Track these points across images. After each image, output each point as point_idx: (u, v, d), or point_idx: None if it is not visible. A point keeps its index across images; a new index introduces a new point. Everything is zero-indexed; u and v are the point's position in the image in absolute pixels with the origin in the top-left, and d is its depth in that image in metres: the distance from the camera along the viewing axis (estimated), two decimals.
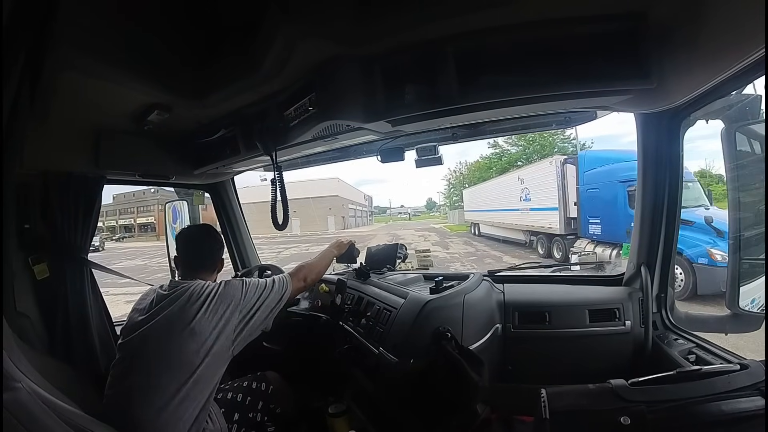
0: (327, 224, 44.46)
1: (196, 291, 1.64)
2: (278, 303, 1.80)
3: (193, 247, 1.90)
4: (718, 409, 1.06)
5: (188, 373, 1.53)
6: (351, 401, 2.25)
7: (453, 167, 44.74)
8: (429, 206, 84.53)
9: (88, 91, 1.62)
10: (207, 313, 1.59)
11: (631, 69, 1.27)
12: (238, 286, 1.72)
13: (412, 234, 30.72)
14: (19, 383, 1.07)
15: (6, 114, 1.06)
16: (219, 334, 1.60)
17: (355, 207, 56.71)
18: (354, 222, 55.59)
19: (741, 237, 1.56)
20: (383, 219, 75.11)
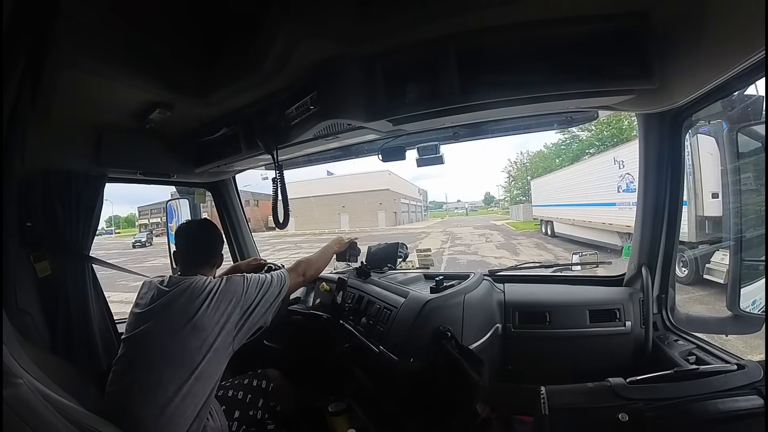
0: (377, 220, 42.43)
1: (198, 287, 1.64)
2: (277, 297, 1.81)
3: (193, 242, 1.90)
4: (715, 407, 1.07)
5: (190, 369, 1.53)
6: (351, 400, 2.25)
7: (513, 158, 42.73)
8: (487, 201, 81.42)
9: (90, 89, 1.62)
10: (209, 309, 1.60)
11: (633, 69, 1.27)
12: (240, 282, 1.73)
13: (471, 233, 26.82)
14: (20, 379, 1.08)
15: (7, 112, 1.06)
16: (221, 330, 1.61)
17: (408, 201, 53.21)
18: (407, 217, 52.20)
19: (742, 238, 1.56)
20: (439, 214, 71.66)
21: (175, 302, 1.62)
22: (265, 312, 1.78)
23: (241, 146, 2.08)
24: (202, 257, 1.87)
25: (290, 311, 2.60)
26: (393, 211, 45.43)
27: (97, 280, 2.20)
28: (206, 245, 1.90)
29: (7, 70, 1.02)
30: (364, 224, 40.34)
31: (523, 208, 31.50)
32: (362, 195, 42.30)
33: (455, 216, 69.30)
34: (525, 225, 25.97)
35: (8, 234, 1.67)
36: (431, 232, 30.50)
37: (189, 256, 1.88)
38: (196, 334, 1.56)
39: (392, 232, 33.08)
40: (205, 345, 1.57)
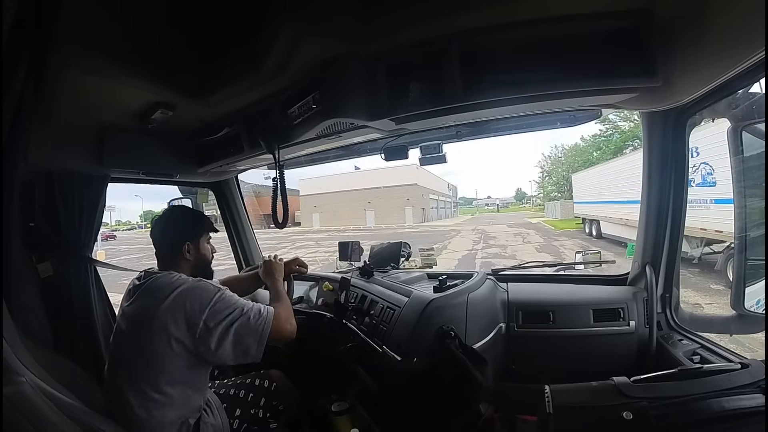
0: (404, 216, 40.94)
1: (162, 285, 1.55)
2: (256, 334, 1.58)
3: (154, 233, 1.76)
4: (719, 405, 1.07)
5: (161, 374, 1.49)
6: (354, 400, 2.25)
7: (547, 152, 40.49)
8: (518, 197, 78.25)
9: (92, 89, 1.62)
10: (171, 309, 1.48)
11: (636, 67, 1.26)
12: (209, 293, 1.55)
13: (505, 231, 24.24)
14: (23, 378, 1.08)
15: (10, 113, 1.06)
16: (182, 334, 1.48)
17: (436, 197, 51.52)
18: (435, 214, 50.40)
19: (746, 237, 1.55)
20: (468, 211, 68.97)
21: (142, 300, 1.55)
22: (239, 342, 1.54)
23: (243, 146, 2.08)
24: (163, 249, 1.73)
25: (294, 311, 2.59)
26: (421, 207, 43.82)
27: (99, 279, 2.21)
28: (164, 236, 1.76)
29: (9, 70, 1.02)
30: (391, 220, 39.60)
31: (560, 206, 29.72)
32: (389, 190, 40.75)
33: (485, 212, 66.74)
34: (564, 224, 23.84)
35: (11, 234, 1.67)
36: (461, 230, 28.34)
37: (156, 250, 1.75)
38: (161, 334, 1.46)
39: (420, 229, 31.27)
40: (170, 348, 1.47)
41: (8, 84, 1.03)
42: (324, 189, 45.61)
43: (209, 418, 1.69)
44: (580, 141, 33.64)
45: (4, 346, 1.07)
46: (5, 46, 0.96)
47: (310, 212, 47.73)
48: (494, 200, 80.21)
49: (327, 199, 45.81)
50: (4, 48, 0.96)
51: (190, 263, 1.74)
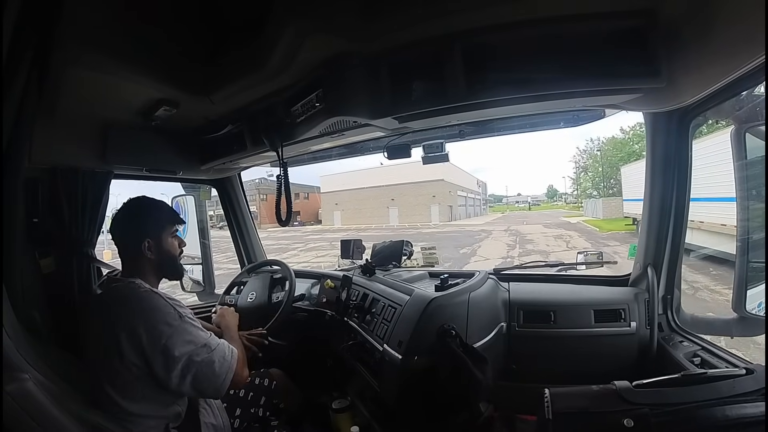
0: (430, 214, 38.84)
1: (120, 299, 1.44)
2: (217, 377, 1.44)
3: (114, 232, 1.61)
4: (722, 413, 1.05)
5: (125, 392, 1.38)
6: (355, 397, 2.25)
7: (582, 146, 36.79)
8: (550, 194, 75.18)
9: (96, 86, 1.63)
10: (120, 330, 1.34)
11: (640, 67, 1.26)
12: (169, 318, 1.39)
13: (543, 233, 21.36)
14: (26, 375, 1.09)
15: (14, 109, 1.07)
16: (138, 361, 1.35)
17: (465, 194, 48.63)
18: (464, 212, 47.79)
19: (749, 239, 1.55)
20: (498, 208, 65.60)
21: (98, 312, 1.47)
22: (195, 381, 1.39)
23: (246, 143, 2.08)
24: (124, 250, 1.59)
25: (295, 308, 2.60)
26: (448, 204, 41.61)
27: (102, 275, 2.22)
28: (124, 234, 1.59)
29: (13, 67, 1.02)
30: (416, 219, 38.04)
31: (602, 204, 27.37)
32: (414, 186, 38.78)
33: (516, 210, 63.61)
34: (609, 224, 21.09)
35: (15, 230, 1.68)
36: (492, 230, 25.76)
37: (116, 247, 1.59)
38: (110, 350, 1.35)
39: (446, 229, 29.44)
40: (129, 372, 1.35)
41: (12, 80, 1.04)
42: (346, 185, 43.63)
43: (210, 418, 1.70)
44: (619, 133, 31.73)
45: (8, 343, 1.08)
46: (9, 43, 0.96)
47: (331, 210, 46.23)
48: (525, 198, 77.10)
49: (349, 196, 44.15)
50: (8, 45, 0.96)
51: (153, 262, 1.59)
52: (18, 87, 1.07)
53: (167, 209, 1.73)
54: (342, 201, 45.07)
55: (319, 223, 46.59)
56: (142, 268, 1.58)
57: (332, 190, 45.70)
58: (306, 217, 50.08)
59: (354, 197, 43.63)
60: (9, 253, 1.56)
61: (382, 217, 40.76)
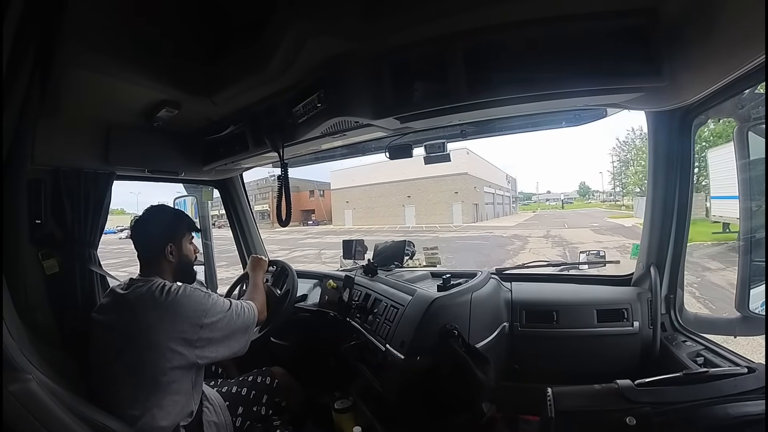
0: (451, 214, 33.90)
1: (151, 294, 1.53)
2: (243, 327, 1.70)
3: (136, 235, 1.74)
4: (724, 412, 1.05)
5: (155, 384, 1.48)
6: (357, 397, 2.25)
7: (623, 137, 30.66)
8: (582, 192, 68.11)
9: (98, 87, 1.63)
10: (162, 322, 1.49)
11: (642, 66, 1.25)
12: (200, 299, 1.59)
13: (597, 242, 16.46)
14: (30, 375, 1.09)
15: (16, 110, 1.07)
16: (177, 345, 1.50)
17: (493, 191, 42.15)
18: (491, 210, 41.28)
19: (752, 238, 1.54)
20: (528, 207, 60.04)
21: (129, 312, 1.52)
22: (229, 338, 1.64)
23: (248, 144, 2.08)
24: (147, 250, 1.72)
25: (297, 308, 2.61)
26: (473, 202, 35.74)
27: (104, 276, 2.22)
28: (147, 235, 1.74)
29: (16, 68, 1.02)
30: (434, 219, 34.07)
31: None
32: (433, 181, 34.18)
33: (548, 209, 57.39)
34: None
35: (18, 231, 1.69)
36: (529, 235, 20.65)
37: (138, 252, 1.72)
38: (151, 347, 1.46)
39: (471, 232, 24.47)
40: (163, 359, 1.48)
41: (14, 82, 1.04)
42: (357, 181, 39.27)
43: (212, 416, 1.70)
44: None
45: (11, 343, 1.08)
46: (11, 44, 0.96)
47: (342, 209, 42.16)
48: (557, 195, 72.22)
49: (361, 193, 40.19)
50: (11, 46, 0.96)
51: (172, 265, 1.74)
52: (20, 88, 1.07)
53: (187, 217, 1.90)
54: (353, 199, 41.36)
55: (332, 222, 43.54)
56: (162, 269, 1.71)
57: (342, 186, 41.75)
58: (321, 216, 47.66)
59: (366, 194, 39.99)
60: (12, 254, 1.56)
61: (396, 216, 37.12)
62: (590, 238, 17.82)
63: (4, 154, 1.10)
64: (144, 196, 5.80)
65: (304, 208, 47.72)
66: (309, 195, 49.21)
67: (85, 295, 2.05)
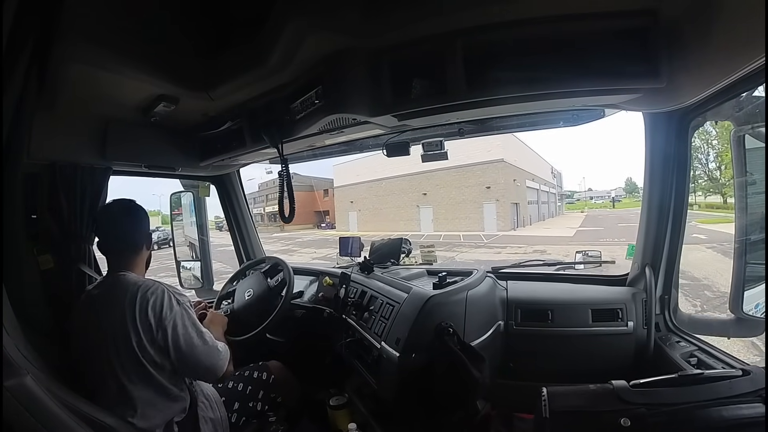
0: (482, 218, 25.10)
1: (128, 292, 1.48)
2: (212, 365, 1.59)
3: (116, 227, 1.69)
4: (719, 414, 1.06)
5: (141, 380, 1.46)
6: (352, 394, 2.26)
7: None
8: (629, 188, 60.48)
9: (95, 82, 1.62)
10: (137, 319, 1.44)
11: (640, 67, 1.26)
12: (172, 305, 1.51)
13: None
14: (25, 371, 1.09)
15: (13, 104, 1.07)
16: (147, 344, 1.45)
17: (537, 186, 31.97)
18: (536, 212, 31.25)
19: (746, 241, 1.55)
20: (574, 206, 50.77)
21: (107, 309, 1.48)
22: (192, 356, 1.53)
23: (245, 140, 2.08)
24: (126, 246, 1.67)
25: (293, 305, 2.60)
26: (512, 201, 25.97)
27: (100, 271, 2.21)
28: (134, 231, 1.69)
29: (12, 62, 1.02)
30: (459, 224, 25.42)
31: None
32: (457, 174, 25.66)
33: (595, 208, 49.25)
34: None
35: (13, 226, 1.68)
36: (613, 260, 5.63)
37: (110, 245, 1.67)
38: (128, 345, 1.43)
39: (511, 250, 15.65)
40: (137, 358, 1.44)
41: (11, 76, 1.04)
42: (362, 176, 31.67)
43: (208, 412, 1.70)
44: None
45: (6, 339, 1.08)
46: (8, 39, 0.96)
47: (346, 210, 35.30)
48: (600, 192, 64.56)
49: (367, 191, 32.74)
50: (8, 40, 0.96)
51: (144, 257, 1.73)
52: (17, 82, 1.07)
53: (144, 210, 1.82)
54: (358, 198, 34.02)
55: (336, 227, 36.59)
56: (138, 262, 1.69)
57: (346, 183, 34.66)
58: (336, 218, 40.96)
59: (373, 192, 32.41)
60: (8, 249, 1.55)
61: (410, 220, 29.16)
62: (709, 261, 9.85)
63: (1, 148, 1.10)
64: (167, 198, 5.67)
65: (318, 208, 41.06)
66: (323, 194, 42.04)
67: (81, 290, 2.05)
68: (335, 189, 37.02)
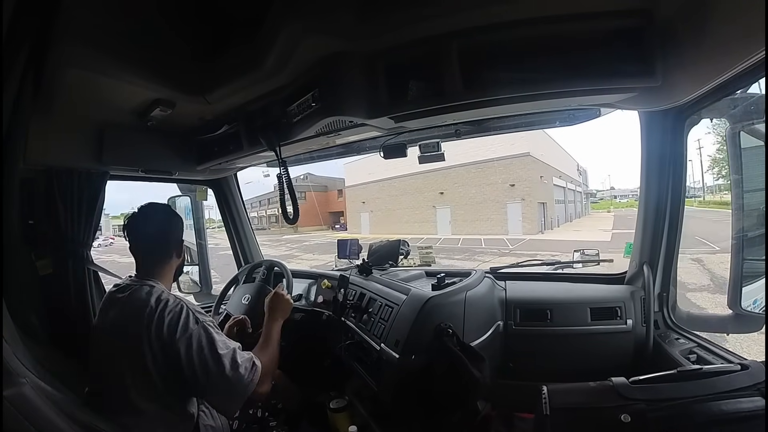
0: (506, 219, 22.89)
1: (143, 300, 1.45)
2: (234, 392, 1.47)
3: (144, 231, 1.64)
4: (718, 408, 1.06)
5: (153, 391, 1.43)
6: (352, 397, 2.26)
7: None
8: None
9: (92, 86, 1.62)
10: (153, 341, 1.40)
11: (635, 66, 1.27)
12: (190, 324, 1.44)
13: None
14: (23, 379, 1.08)
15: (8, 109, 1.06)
16: (162, 362, 1.42)
17: (564, 184, 28.99)
18: (563, 213, 28.17)
19: (744, 237, 1.56)
20: (599, 206, 47.15)
21: (126, 317, 1.46)
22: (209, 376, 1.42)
23: (242, 143, 2.07)
24: (156, 252, 1.64)
25: (292, 308, 2.60)
26: (539, 200, 23.29)
27: (99, 276, 2.21)
28: (162, 236, 1.65)
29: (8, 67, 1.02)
30: (480, 226, 23.22)
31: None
32: (478, 169, 23.64)
33: (621, 207, 42.80)
34: None
35: (11, 231, 1.67)
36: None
37: (140, 250, 1.63)
38: (146, 358, 1.40)
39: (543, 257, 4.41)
40: (149, 374, 1.41)
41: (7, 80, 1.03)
42: (375, 174, 29.12)
43: (209, 420, 1.69)
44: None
45: (4, 347, 1.07)
46: (4, 43, 0.95)
47: (358, 211, 32.73)
48: (623, 191, 59.62)
49: (379, 190, 30.41)
50: (4, 44, 0.96)
51: (176, 265, 1.71)
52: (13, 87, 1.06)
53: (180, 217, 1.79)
54: (370, 198, 31.64)
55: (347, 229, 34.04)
56: (165, 270, 1.65)
57: (357, 182, 32.08)
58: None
59: (385, 191, 29.97)
60: (5, 255, 1.55)
61: (426, 222, 26.78)
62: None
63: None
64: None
65: (332, 209, 39.97)
66: (338, 195, 40.54)
67: (79, 295, 2.04)
68: (346, 188, 34.79)
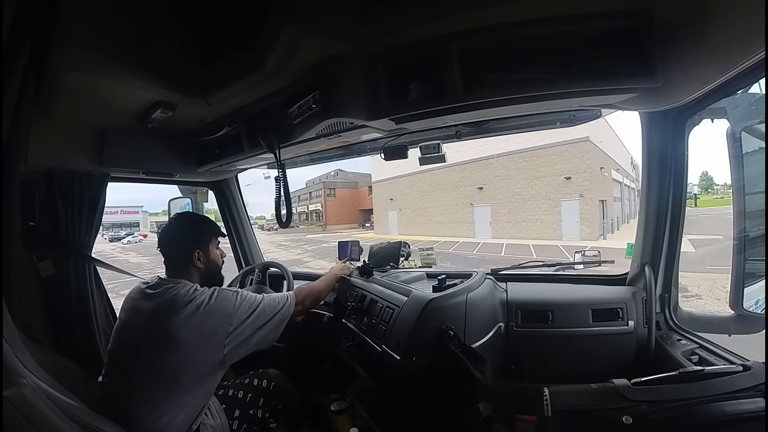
0: (560, 221, 19.11)
1: (181, 298, 1.54)
2: (273, 319, 1.70)
3: (163, 243, 1.73)
4: (720, 409, 1.06)
5: (178, 385, 1.49)
6: (353, 399, 2.25)
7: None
8: (705, 184, 50.76)
9: (93, 88, 1.62)
10: (192, 326, 1.50)
11: (636, 67, 1.26)
12: (230, 298, 1.62)
13: None
14: (24, 379, 1.08)
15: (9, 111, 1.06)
16: (206, 347, 1.52)
17: (621, 179, 24.40)
18: (620, 212, 23.28)
19: (745, 237, 1.55)
20: None
21: (156, 312, 1.53)
22: (262, 332, 1.64)
23: (243, 145, 2.08)
24: (175, 259, 1.72)
25: None
26: (600, 197, 18.86)
27: (99, 278, 2.21)
28: (175, 244, 1.73)
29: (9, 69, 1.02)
30: (527, 229, 19.64)
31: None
32: (523, 159, 20.17)
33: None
34: None
35: (12, 233, 1.67)
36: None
37: (165, 259, 1.73)
38: (178, 349, 1.47)
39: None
40: (191, 361, 1.49)
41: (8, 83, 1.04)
42: (404, 167, 22.42)
43: (209, 420, 1.70)
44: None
45: (5, 348, 1.07)
46: (5, 45, 0.96)
47: (385, 209, 30.11)
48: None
49: (409, 186, 27.02)
50: (4, 47, 0.96)
51: (200, 271, 1.74)
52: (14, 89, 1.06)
53: (212, 223, 1.87)
54: (398, 195, 28.47)
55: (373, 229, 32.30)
56: (190, 275, 1.70)
57: (385, 178, 29.37)
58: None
59: (416, 187, 26.51)
60: (6, 256, 1.55)
61: (462, 222, 23.11)
62: None
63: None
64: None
65: (363, 207, 38.27)
66: (368, 192, 37.62)
67: (80, 297, 2.04)
68: (373, 184, 32.40)
